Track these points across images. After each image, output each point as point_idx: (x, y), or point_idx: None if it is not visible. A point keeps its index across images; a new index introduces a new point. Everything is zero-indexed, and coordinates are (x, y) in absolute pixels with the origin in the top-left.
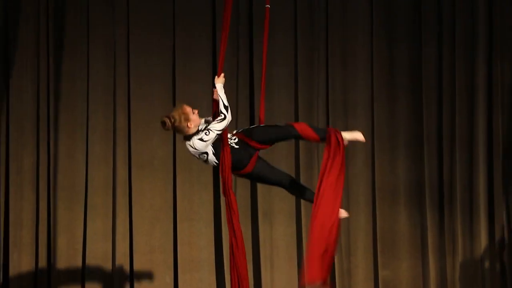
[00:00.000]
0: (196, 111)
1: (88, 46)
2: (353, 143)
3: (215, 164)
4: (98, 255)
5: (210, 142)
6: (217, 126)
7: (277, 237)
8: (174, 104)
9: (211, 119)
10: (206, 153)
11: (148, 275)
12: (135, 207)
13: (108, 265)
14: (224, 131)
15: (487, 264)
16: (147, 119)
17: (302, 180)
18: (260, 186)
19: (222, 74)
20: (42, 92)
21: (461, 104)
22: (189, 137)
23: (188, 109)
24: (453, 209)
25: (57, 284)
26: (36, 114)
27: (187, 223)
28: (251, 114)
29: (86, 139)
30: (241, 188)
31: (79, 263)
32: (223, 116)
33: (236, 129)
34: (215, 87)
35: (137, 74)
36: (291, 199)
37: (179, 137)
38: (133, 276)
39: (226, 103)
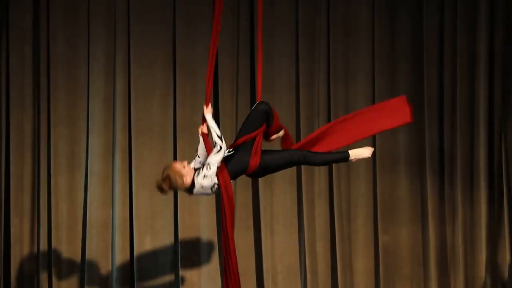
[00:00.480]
0: (185, 163)
1: (89, 14)
2: (355, 104)
3: None
4: (99, 221)
5: (214, 174)
6: (216, 158)
7: (278, 203)
8: (174, 71)
9: (201, 160)
10: (216, 183)
11: (148, 241)
12: (135, 173)
13: (108, 231)
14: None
15: (486, 230)
16: (147, 85)
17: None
18: None
19: (210, 104)
20: (42, 59)
21: (462, 72)
22: (191, 187)
23: (178, 165)
24: (453, 176)
25: (58, 250)
26: (37, 80)
27: None
28: (251, 86)
29: (87, 106)
30: None
31: (79, 228)
32: (218, 147)
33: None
34: (204, 120)
35: (137, 41)
36: None
37: (179, 103)
38: (134, 242)
39: (219, 133)
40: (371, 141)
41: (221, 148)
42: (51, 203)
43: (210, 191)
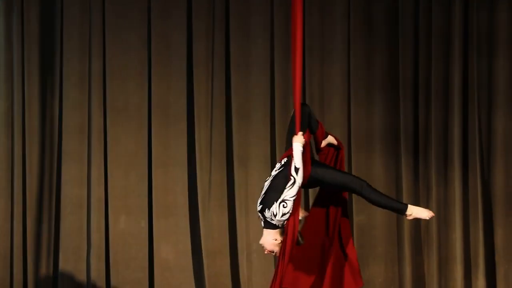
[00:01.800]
0: (274, 241)
1: None
2: (330, 83)
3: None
4: (74, 200)
5: (291, 207)
6: (290, 193)
7: (252, 183)
8: (149, 50)
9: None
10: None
11: (123, 220)
12: (110, 152)
13: (83, 210)
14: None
15: (460, 210)
16: (122, 64)
17: None
18: (235, 131)
19: (301, 133)
20: (16, 37)
21: (436, 52)
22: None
23: (270, 245)
24: (428, 156)
25: (32, 229)
26: (11, 59)
27: (163, 168)
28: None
29: (60, 85)
30: (216, 133)
31: (53, 207)
32: (293, 179)
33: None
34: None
35: (112, 21)
36: (266, 144)
37: (154, 82)
38: (108, 221)
39: (298, 165)
40: (346, 122)
41: (295, 181)
42: (26, 182)
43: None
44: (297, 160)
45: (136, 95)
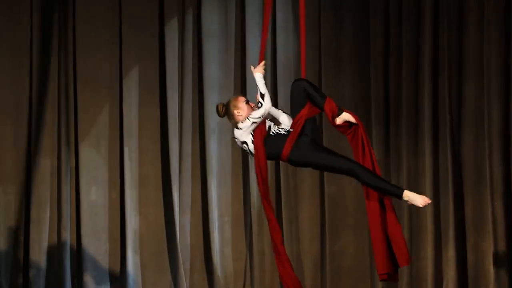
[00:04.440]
0: (249, 103)
1: None
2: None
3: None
4: (44, 170)
5: (246, 130)
6: (253, 114)
7: (225, 155)
8: (120, 22)
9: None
10: (246, 142)
11: (94, 191)
12: (80, 123)
13: (54, 180)
14: (264, 119)
15: (430, 180)
16: (92, 36)
17: None
18: (206, 103)
19: (262, 63)
20: None
21: (407, 22)
22: (237, 127)
23: (241, 98)
24: (398, 127)
25: (2, 199)
26: None
27: (134, 139)
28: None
29: (30, 55)
30: (187, 104)
31: (24, 177)
32: (260, 104)
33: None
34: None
35: None
36: None
37: (125, 54)
38: (80, 192)
39: (263, 91)
40: None
41: (262, 105)
42: None
43: (241, 146)
44: (260, 87)
45: (106, 65)
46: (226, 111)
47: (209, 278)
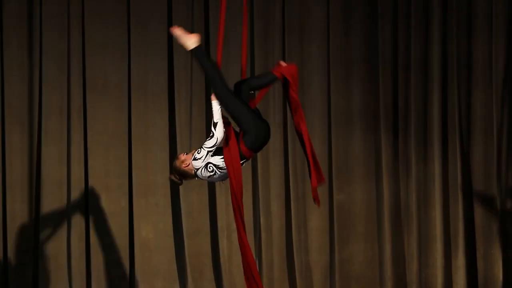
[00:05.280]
0: (188, 153)
1: None
2: (310, 63)
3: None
4: (54, 180)
5: (204, 158)
6: (207, 144)
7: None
8: (128, 26)
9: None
10: (213, 170)
11: (103, 200)
12: (89, 131)
13: (63, 190)
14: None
15: (440, 187)
16: (101, 43)
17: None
18: None
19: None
20: None
21: (416, 28)
22: (196, 171)
23: (179, 156)
24: (407, 133)
25: (12, 208)
26: None
27: (142, 147)
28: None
29: (40, 63)
30: (195, 112)
31: (34, 187)
32: (211, 133)
33: None
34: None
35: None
36: None
37: (134, 61)
38: (88, 200)
39: (216, 120)
40: (326, 99)
41: (213, 134)
42: (5, 161)
43: (207, 177)
44: (214, 116)
45: (115, 74)
46: (179, 174)
47: (218, 286)
